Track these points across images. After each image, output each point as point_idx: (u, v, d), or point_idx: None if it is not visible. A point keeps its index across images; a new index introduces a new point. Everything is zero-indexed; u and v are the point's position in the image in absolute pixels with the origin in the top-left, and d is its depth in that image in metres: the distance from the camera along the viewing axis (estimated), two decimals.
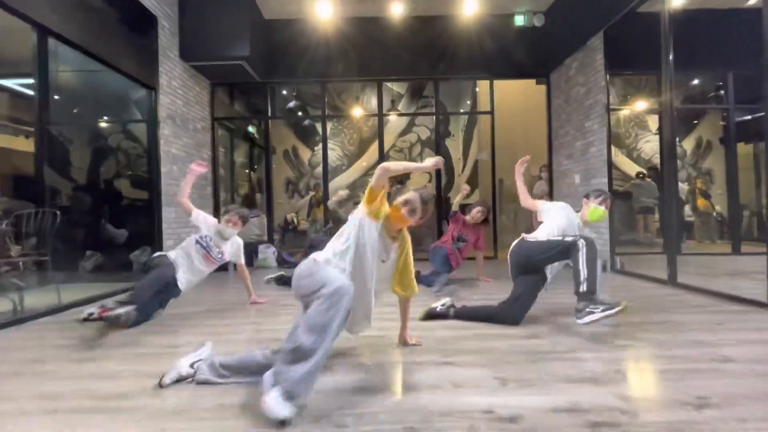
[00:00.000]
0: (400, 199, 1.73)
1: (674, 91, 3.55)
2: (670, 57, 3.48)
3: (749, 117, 5.61)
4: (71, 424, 1.31)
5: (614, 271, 4.28)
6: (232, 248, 3.07)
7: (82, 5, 3.56)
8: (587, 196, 2.60)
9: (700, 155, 7.63)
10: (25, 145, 5.10)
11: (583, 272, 2.08)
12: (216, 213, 5.78)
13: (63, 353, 2.02)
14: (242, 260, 3.19)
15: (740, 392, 1.43)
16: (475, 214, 3.83)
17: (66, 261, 4.13)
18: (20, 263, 2.96)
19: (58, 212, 3.24)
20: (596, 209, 2.47)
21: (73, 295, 3.27)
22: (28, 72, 4.90)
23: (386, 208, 1.73)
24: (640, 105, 7.12)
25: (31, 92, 5.00)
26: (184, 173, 4.87)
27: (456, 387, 1.52)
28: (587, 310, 2.01)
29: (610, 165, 4.35)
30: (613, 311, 1.96)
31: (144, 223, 4.95)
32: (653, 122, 7.34)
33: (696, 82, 6.76)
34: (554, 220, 2.49)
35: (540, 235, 2.46)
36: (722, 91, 6.00)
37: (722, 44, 4.66)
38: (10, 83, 5.30)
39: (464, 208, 4.01)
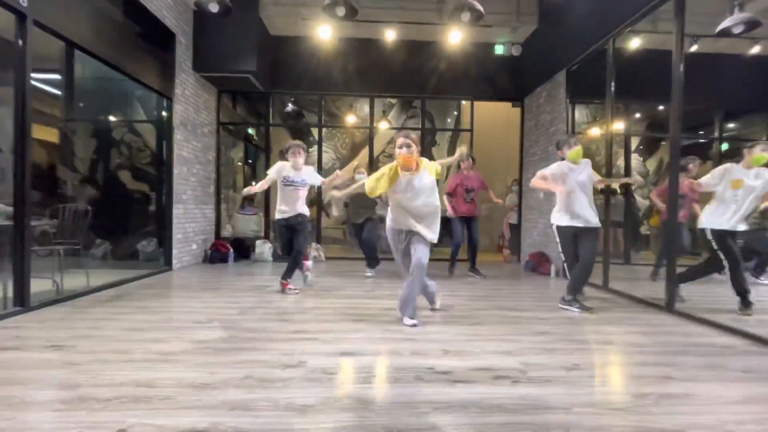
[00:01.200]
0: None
1: (633, 118, 4.21)
2: (612, 90, 4.18)
3: (693, 142, 6.41)
4: (143, 369, 1.91)
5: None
6: (308, 174, 3.79)
7: (110, 21, 4.02)
8: (558, 146, 3.41)
9: (661, 175, 8.44)
10: (46, 135, 5.52)
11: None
12: (218, 207, 6.32)
13: (115, 324, 2.61)
14: (319, 181, 3.92)
15: (605, 361, 2.11)
16: (465, 163, 4.76)
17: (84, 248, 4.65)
18: (60, 250, 3.49)
19: (90, 208, 3.79)
20: (571, 151, 3.23)
21: (100, 279, 3.82)
22: (53, 68, 5.37)
23: (381, 184, 2.64)
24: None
25: (55, 90, 5.48)
26: (192, 173, 5.43)
27: (413, 354, 2.17)
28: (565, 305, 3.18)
29: None
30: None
31: (154, 216, 5.48)
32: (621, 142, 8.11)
33: (661, 108, 7.55)
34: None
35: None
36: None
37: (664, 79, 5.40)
38: (37, 78, 5.71)
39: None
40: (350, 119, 8.92)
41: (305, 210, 3.88)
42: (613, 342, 2.45)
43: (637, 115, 7.60)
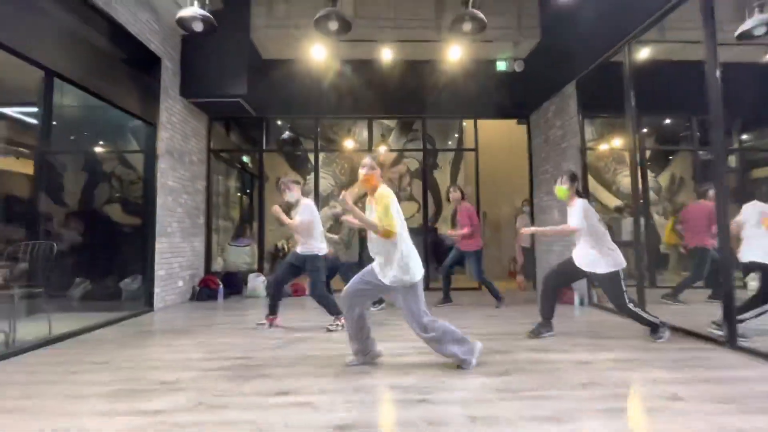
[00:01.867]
0: None
1: (645, 131, 3.84)
2: (633, 103, 3.81)
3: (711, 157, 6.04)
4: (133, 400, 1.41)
5: (591, 304, 4.47)
6: (300, 211, 3.60)
7: (90, 48, 3.78)
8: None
9: (674, 191, 8.03)
10: (20, 166, 5.17)
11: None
12: (209, 239, 5.90)
13: (55, 390, 2.11)
14: (297, 220, 3.58)
15: (688, 429, 1.60)
16: (452, 196, 4.61)
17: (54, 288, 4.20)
18: (15, 294, 3.03)
19: (55, 245, 3.36)
20: (558, 188, 3.11)
21: (67, 325, 3.34)
22: (30, 101, 5.12)
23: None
24: (616, 142, 7.55)
25: (30, 120, 5.20)
26: (178, 203, 5.04)
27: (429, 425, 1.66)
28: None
29: None
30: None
31: (136, 250, 5.05)
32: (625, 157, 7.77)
33: (668, 121, 7.25)
34: None
35: None
36: (687, 133, 6.44)
37: (688, 92, 5.08)
38: (11, 110, 5.45)
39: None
40: (348, 144, 8.65)
41: (310, 248, 3.50)
42: (682, 397, 1.94)
43: (645, 130, 7.31)
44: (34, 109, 5.13)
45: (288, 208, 3.82)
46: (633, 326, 3.46)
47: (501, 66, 5.88)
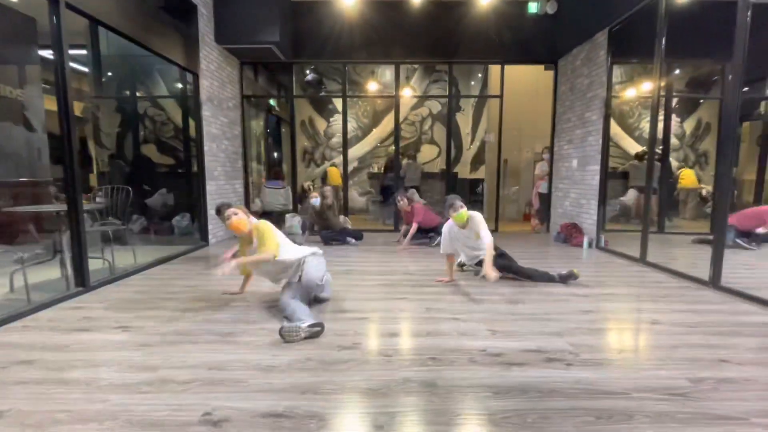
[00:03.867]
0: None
1: (676, 75, 3.85)
2: (662, 48, 3.84)
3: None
4: (209, 351, 2.02)
5: (598, 248, 4.93)
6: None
7: None
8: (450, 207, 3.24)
9: (698, 136, 8.00)
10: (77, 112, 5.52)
11: None
12: (246, 182, 6.40)
13: (172, 305, 2.75)
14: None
15: (658, 344, 2.12)
16: (401, 203, 5.05)
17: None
18: (110, 231, 3.64)
19: (130, 189, 3.90)
20: (457, 215, 3.19)
21: (145, 256, 3.99)
22: (76, 43, 5.35)
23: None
24: (645, 86, 7.42)
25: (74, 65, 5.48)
26: (221, 149, 5.46)
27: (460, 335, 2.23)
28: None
29: (605, 155, 4.85)
30: None
31: (186, 192, 5.61)
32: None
33: (699, 67, 7.04)
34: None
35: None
36: (718, 78, 6.35)
37: (720, 35, 4.97)
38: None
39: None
40: (372, 87, 8.68)
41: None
42: (660, 321, 2.45)
43: (677, 71, 7.12)
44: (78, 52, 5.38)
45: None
46: (630, 268, 3.94)
47: (533, 8, 5.73)
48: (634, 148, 7.44)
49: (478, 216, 3.22)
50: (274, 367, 1.83)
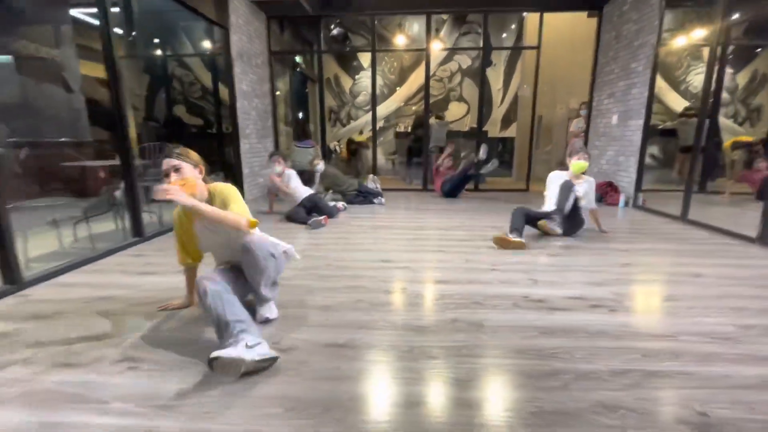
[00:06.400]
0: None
1: (734, 20, 3.56)
2: None
3: None
4: None
5: (636, 207, 4.81)
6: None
7: None
8: (570, 155, 3.35)
9: (752, 89, 7.41)
10: (90, 71, 5.31)
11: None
12: (276, 140, 6.46)
13: None
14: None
15: (702, 294, 2.13)
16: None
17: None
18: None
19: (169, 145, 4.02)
20: (576, 163, 3.26)
21: None
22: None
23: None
24: (697, 33, 6.82)
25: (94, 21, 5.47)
26: (253, 107, 5.48)
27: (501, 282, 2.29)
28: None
29: (649, 109, 4.60)
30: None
31: (218, 150, 5.74)
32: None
33: (762, 10, 6.37)
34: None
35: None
36: None
37: None
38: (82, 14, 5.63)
39: None
40: (400, 40, 8.35)
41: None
42: (704, 275, 2.43)
43: (735, 16, 6.48)
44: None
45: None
46: (670, 226, 3.86)
47: None
48: (677, 104, 6.99)
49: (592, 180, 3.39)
50: (329, 306, 1.96)
